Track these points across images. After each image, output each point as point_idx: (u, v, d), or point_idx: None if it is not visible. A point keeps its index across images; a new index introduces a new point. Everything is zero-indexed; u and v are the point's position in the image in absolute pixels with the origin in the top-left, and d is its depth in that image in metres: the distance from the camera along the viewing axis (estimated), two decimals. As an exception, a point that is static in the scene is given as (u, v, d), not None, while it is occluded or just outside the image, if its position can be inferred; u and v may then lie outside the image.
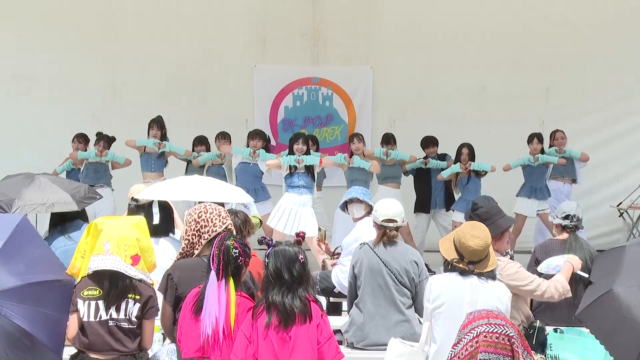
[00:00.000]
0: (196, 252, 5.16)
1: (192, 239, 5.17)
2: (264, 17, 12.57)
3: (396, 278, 5.86)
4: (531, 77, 12.37)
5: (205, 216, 5.17)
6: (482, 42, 12.32)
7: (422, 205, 11.06)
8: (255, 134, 10.32)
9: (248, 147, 10.24)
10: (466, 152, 10.54)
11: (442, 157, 11.12)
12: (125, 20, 12.47)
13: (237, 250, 4.74)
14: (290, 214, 9.35)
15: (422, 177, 11.06)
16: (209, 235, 5.12)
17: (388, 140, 10.84)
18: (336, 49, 12.57)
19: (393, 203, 6.14)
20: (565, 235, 6.62)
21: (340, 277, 7.14)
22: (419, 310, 5.83)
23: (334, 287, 7.23)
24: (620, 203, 12.02)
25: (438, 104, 12.38)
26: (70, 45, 12.35)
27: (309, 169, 9.52)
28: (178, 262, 5.17)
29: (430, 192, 11.05)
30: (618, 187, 12.25)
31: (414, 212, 11.06)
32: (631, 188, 12.00)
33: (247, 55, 12.56)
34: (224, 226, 5.18)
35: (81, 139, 10.94)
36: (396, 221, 5.99)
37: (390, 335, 5.58)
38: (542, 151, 10.82)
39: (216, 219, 5.18)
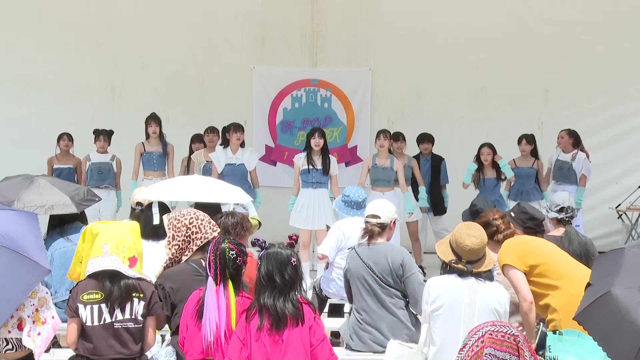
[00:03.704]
0: (184, 258, 5.18)
1: (182, 244, 5.18)
2: (262, 18, 12.56)
3: (381, 280, 5.82)
4: (530, 78, 12.36)
5: (197, 222, 5.21)
6: (481, 43, 12.31)
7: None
8: (237, 127, 10.15)
9: (228, 141, 10.11)
10: (487, 150, 10.44)
11: (439, 159, 11.07)
12: (124, 21, 12.46)
13: (234, 252, 4.74)
14: (308, 209, 9.62)
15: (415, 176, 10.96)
16: (200, 242, 5.16)
17: (397, 137, 10.79)
18: (335, 51, 12.56)
19: (379, 202, 6.15)
20: (561, 230, 6.53)
21: (322, 283, 7.26)
22: (413, 306, 5.79)
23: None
24: (619, 205, 12.01)
25: (437, 105, 12.37)
26: (69, 47, 12.34)
27: (324, 167, 9.71)
28: (166, 272, 5.18)
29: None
30: (617, 189, 12.23)
31: None
32: (630, 189, 11.99)
33: (246, 56, 12.55)
34: (214, 233, 5.22)
35: (70, 137, 10.98)
36: (379, 217, 5.96)
37: (384, 339, 5.64)
38: (533, 152, 10.77)
39: (207, 226, 5.24)
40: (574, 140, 10.86)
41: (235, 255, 4.74)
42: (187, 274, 5.07)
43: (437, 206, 10.99)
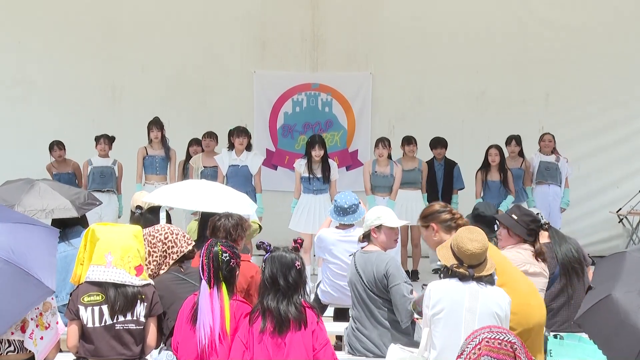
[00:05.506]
0: (162, 272, 5.22)
1: (159, 260, 5.22)
2: (263, 21, 12.57)
3: (369, 290, 5.79)
4: (531, 81, 12.38)
5: (172, 237, 5.26)
6: (482, 47, 12.32)
7: None
8: (241, 131, 10.23)
9: (233, 145, 10.21)
10: (495, 152, 10.53)
11: (452, 164, 11.05)
12: (125, 25, 12.48)
13: (227, 254, 4.77)
14: (309, 213, 9.70)
15: (430, 181, 10.97)
16: (176, 256, 5.22)
17: (410, 141, 10.79)
18: (335, 55, 12.57)
19: (371, 210, 6.16)
20: (545, 235, 6.56)
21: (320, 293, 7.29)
22: (400, 315, 5.74)
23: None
24: (620, 209, 12.01)
25: (437, 109, 12.37)
26: (69, 49, 12.36)
27: (325, 176, 9.78)
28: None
29: (437, 196, 10.97)
30: (618, 193, 12.23)
31: None
32: (631, 194, 11.99)
33: (247, 60, 12.56)
34: (189, 247, 5.28)
35: (61, 146, 10.97)
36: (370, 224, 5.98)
37: (375, 347, 5.67)
38: (521, 153, 10.85)
39: (182, 239, 5.29)
40: (555, 143, 11.04)
41: (228, 258, 4.76)
42: (169, 281, 5.15)
43: None
